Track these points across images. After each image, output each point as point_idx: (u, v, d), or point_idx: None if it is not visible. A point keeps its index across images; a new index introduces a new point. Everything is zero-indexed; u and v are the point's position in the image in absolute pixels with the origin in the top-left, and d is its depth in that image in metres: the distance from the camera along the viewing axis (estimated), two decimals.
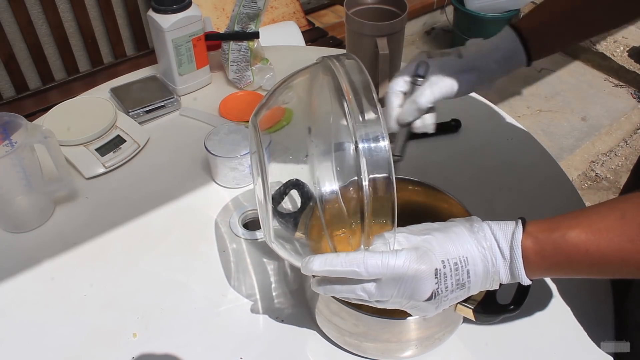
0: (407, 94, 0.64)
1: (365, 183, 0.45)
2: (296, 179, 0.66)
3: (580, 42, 0.68)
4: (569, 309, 0.64)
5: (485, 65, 0.63)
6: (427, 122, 0.65)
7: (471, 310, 0.53)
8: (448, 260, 0.45)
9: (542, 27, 0.64)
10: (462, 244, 0.45)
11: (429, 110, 0.64)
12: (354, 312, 0.53)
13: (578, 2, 0.64)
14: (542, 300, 0.65)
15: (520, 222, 0.46)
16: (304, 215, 0.62)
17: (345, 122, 0.47)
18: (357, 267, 0.43)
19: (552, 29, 0.65)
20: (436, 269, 0.45)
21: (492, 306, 0.53)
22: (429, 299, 0.46)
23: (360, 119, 0.46)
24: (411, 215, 0.68)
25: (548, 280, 0.68)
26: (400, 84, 0.64)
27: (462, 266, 0.45)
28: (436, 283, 0.45)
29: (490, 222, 0.48)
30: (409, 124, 0.65)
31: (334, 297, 0.53)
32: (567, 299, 0.65)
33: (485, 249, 0.45)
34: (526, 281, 0.46)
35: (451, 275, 0.45)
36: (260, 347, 0.61)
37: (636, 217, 0.42)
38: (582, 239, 0.44)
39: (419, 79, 0.63)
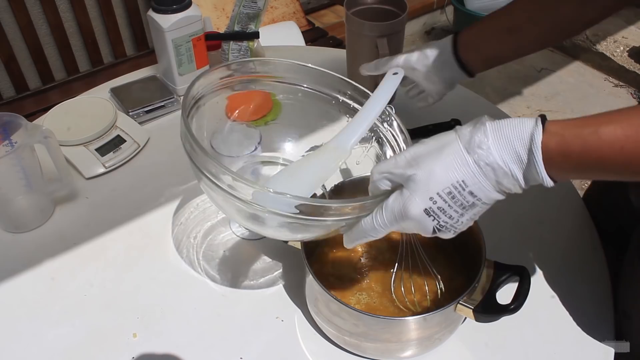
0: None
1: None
2: None
3: (514, 59, 0.71)
4: (568, 308, 0.64)
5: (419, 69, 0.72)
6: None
7: (471, 310, 0.53)
8: (438, 193, 0.40)
9: (478, 40, 0.69)
10: (458, 166, 0.40)
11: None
12: (354, 312, 0.53)
13: (518, 22, 0.65)
14: (542, 300, 0.65)
15: (539, 120, 0.39)
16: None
17: None
18: (367, 236, 0.45)
19: (488, 44, 0.69)
20: (425, 209, 0.41)
21: (492, 306, 0.53)
22: (436, 232, 0.43)
23: None
24: None
25: (548, 280, 0.68)
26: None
27: (459, 191, 0.40)
28: (433, 219, 0.42)
29: (502, 121, 0.41)
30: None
31: (334, 298, 0.53)
32: (567, 299, 0.65)
33: (489, 165, 0.39)
34: (549, 183, 0.40)
35: (449, 205, 0.41)
36: (260, 347, 0.61)
37: None
38: (618, 135, 0.37)
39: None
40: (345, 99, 0.66)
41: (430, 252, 0.63)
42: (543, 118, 0.40)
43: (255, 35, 0.95)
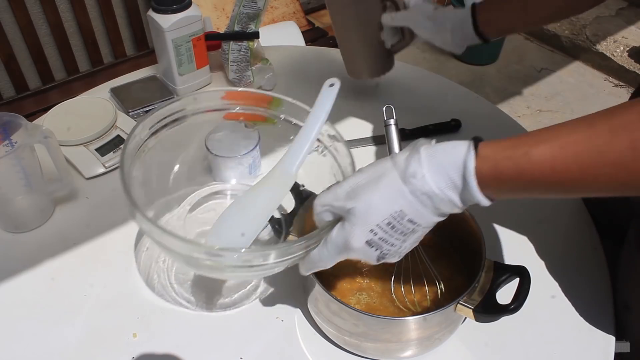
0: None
1: None
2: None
3: (531, 27, 0.78)
4: (569, 308, 0.65)
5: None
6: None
7: (471, 310, 0.53)
8: (378, 225, 0.41)
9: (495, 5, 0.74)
10: (395, 197, 0.40)
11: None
12: (354, 312, 0.53)
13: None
14: (542, 300, 0.65)
15: (472, 144, 0.40)
16: (297, 219, 0.62)
17: None
18: (318, 266, 0.47)
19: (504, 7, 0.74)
20: (367, 241, 0.42)
21: (492, 306, 0.53)
22: (380, 260, 0.44)
23: None
24: None
25: (548, 280, 0.68)
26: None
27: (399, 221, 0.41)
28: (376, 249, 0.42)
29: (436, 147, 0.41)
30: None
31: (334, 298, 0.53)
32: (567, 298, 0.65)
33: (425, 194, 0.40)
34: (486, 204, 0.41)
35: (390, 235, 0.41)
36: (260, 347, 0.61)
37: (605, 124, 0.37)
38: (547, 156, 0.38)
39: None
40: (287, 117, 0.65)
41: (430, 252, 0.63)
42: (476, 141, 0.40)
43: (255, 35, 0.95)
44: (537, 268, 0.69)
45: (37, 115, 1.09)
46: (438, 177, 0.39)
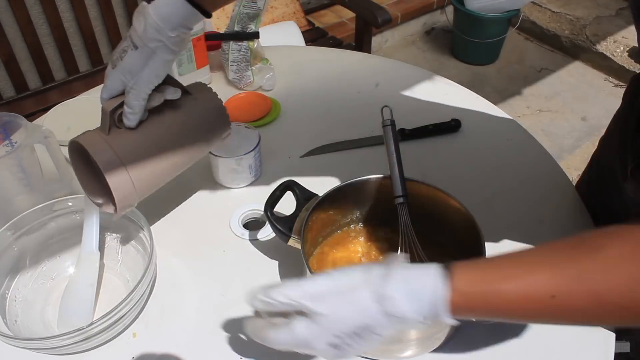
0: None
1: None
2: (290, 180, 0.66)
3: None
4: None
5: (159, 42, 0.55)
6: None
7: None
8: (345, 332, 0.42)
9: None
10: (366, 314, 0.42)
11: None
12: None
13: None
14: None
15: (442, 275, 0.41)
16: (299, 221, 0.62)
17: None
18: (267, 343, 0.46)
19: None
20: (329, 343, 0.43)
21: None
22: (337, 357, 0.44)
23: None
24: (411, 215, 0.68)
25: None
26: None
27: (365, 332, 0.42)
28: (336, 349, 0.43)
29: (410, 273, 0.42)
30: None
31: None
32: None
33: (396, 317, 0.41)
34: (456, 323, 0.43)
35: (353, 340, 0.43)
36: (260, 347, 0.61)
37: (571, 268, 0.40)
38: (519, 294, 0.40)
39: None
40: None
41: (430, 254, 0.63)
42: (450, 271, 0.41)
43: (255, 35, 0.95)
44: None
45: (37, 115, 1.09)
46: (412, 303, 0.41)
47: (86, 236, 0.66)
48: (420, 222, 0.65)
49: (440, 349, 0.60)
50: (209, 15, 0.57)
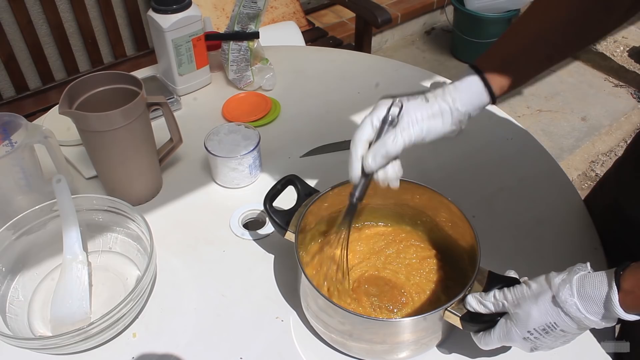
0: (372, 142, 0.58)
1: None
2: (292, 175, 0.66)
3: (539, 73, 0.65)
4: None
5: (452, 110, 0.59)
6: (389, 176, 0.57)
7: (458, 318, 0.53)
8: (535, 329, 0.51)
9: (503, 65, 0.61)
10: (550, 313, 0.50)
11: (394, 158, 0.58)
12: (339, 309, 0.53)
13: (532, 38, 0.61)
14: None
15: (613, 280, 0.47)
16: (296, 215, 0.62)
17: None
18: (486, 346, 0.56)
19: (511, 67, 0.61)
20: (524, 337, 0.52)
21: (479, 315, 0.53)
22: (533, 351, 0.54)
23: None
24: (412, 215, 0.68)
25: None
26: (368, 131, 0.57)
27: (552, 329, 0.50)
28: (531, 343, 0.52)
29: (585, 279, 0.49)
30: (372, 173, 0.57)
31: (319, 293, 0.54)
32: None
33: (573, 316, 0.49)
34: (631, 319, 0.48)
35: (543, 337, 0.51)
36: (260, 347, 0.61)
37: None
38: None
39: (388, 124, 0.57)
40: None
41: (436, 261, 0.64)
42: (617, 274, 0.47)
43: (255, 35, 0.95)
44: (538, 268, 0.69)
45: (37, 115, 1.10)
46: (588, 306, 0.48)
47: (67, 239, 0.66)
48: (418, 221, 0.65)
49: (440, 349, 0.60)
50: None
